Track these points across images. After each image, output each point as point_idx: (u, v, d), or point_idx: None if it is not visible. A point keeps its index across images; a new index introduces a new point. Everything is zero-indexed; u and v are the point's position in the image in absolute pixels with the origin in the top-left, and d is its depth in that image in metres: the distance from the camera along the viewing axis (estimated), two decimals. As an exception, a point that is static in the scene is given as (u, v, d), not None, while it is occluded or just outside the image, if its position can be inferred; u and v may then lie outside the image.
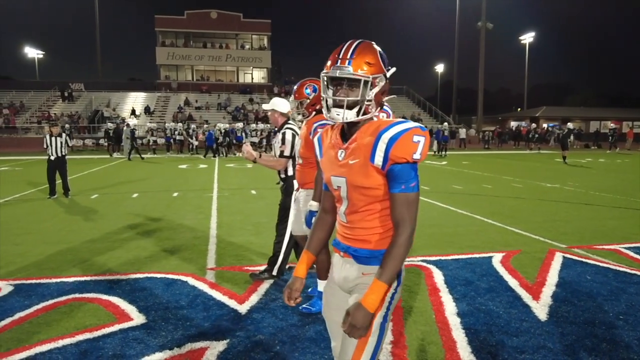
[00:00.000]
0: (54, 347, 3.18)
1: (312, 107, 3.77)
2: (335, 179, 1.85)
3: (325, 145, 1.97)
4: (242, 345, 3.21)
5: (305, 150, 3.74)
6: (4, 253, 5.63)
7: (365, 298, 1.68)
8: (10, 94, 41.19)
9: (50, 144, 10.11)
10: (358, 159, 1.75)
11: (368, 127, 1.78)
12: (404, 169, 1.70)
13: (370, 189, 1.75)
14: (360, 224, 1.81)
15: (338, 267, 1.92)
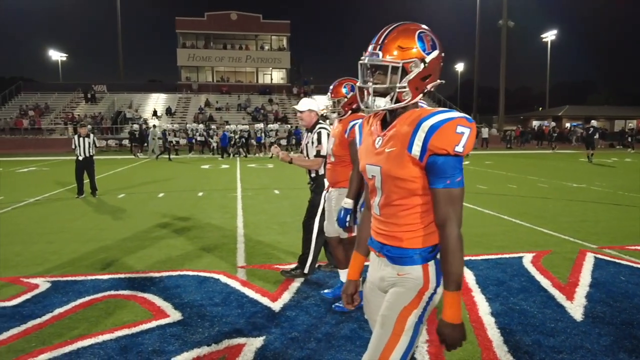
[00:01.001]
0: (94, 342, 3.26)
1: (348, 106, 3.79)
2: (370, 167, 1.76)
3: (365, 133, 1.89)
4: (278, 341, 3.25)
5: (339, 148, 3.75)
6: (39, 251, 5.77)
7: (445, 313, 1.60)
8: (35, 96, 42.09)
9: (78, 145, 10.31)
10: (395, 148, 1.65)
11: (409, 115, 1.67)
12: (447, 163, 1.57)
13: (405, 181, 1.64)
14: (393, 218, 1.71)
15: (374, 267, 1.85)
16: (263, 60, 50.05)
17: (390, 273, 1.76)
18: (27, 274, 4.86)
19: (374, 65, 1.71)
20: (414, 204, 1.67)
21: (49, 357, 3.06)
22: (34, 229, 7.11)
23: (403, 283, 1.71)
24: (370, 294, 1.90)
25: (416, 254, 1.69)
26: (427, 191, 1.65)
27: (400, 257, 1.71)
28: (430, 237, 1.70)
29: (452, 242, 1.59)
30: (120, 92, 43.44)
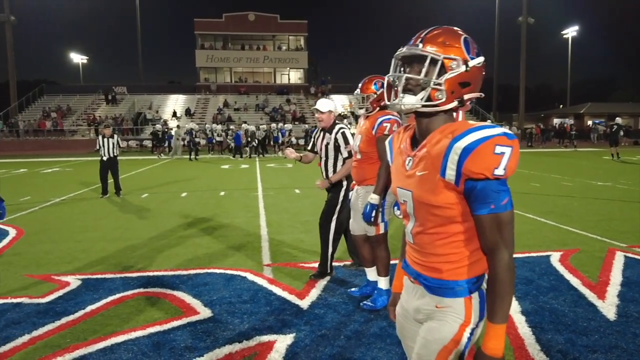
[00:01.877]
0: (127, 338, 3.31)
1: (377, 102, 3.79)
2: (401, 191, 1.58)
3: (395, 150, 1.69)
4: (308, 338, 3.26)
5: (366, 145, 3.75)
6: (68, 249, 5.88)
7: (487, 345, 1.41)
8: (57, 98, 42.85)
9: (102, 145, 10.48)
10: (426, 171, 1.46)
11: (442, 130, 1.47)
12: (488, 187, 1.38)
13: (439, 208, 1.45)
14: (429, 248, 1.52)
15: (408, 293, 1.67)
16: (280, 61, 50.19)
17: (427, 304, 1.56)
18: (57, 271, 4.96)
19: (410, 58, 1.52)
20: (453, 232, 1.47)
21: (84, 352, 3.12)
22: (62, 228, 7.24)
23: (442, 317, 1.52)
24: (404, 320, 1.71)
25: (458, 286, 1.49)
26: (468, 217, 1.45)
27: (439, 288, 1.52)
28: (475, 266, 1.50)
29: (501, 271, 1.40)
30: (140, 94, 43.96)
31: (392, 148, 1.72)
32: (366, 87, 3.81)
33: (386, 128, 3.64)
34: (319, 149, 4.57)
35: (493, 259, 1.42)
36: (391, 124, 3.65)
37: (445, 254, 1.49)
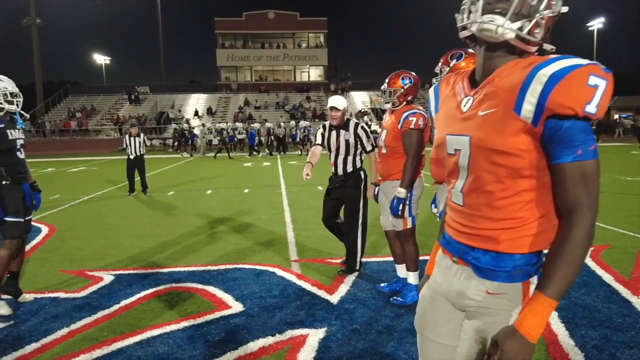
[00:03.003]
0: (162, 332, 3.38)
1: (403, 97, 3.78)
2: (453, 138, 1.32)
3: (443, 96, 1.45)
4: (340, 333, 3.29)
5: (392, 139, 3.76)
6: (99, 246, 6.01)
7: (523, 322, 1.16)
8: (81, 99, 43.71)
9: (129, 144, 10.67)
10: (494, 108, 1.21)
11: (515, 63, 1.22)
12: (576, 127, 1.12)
13: (506, 155, 1.18)
14: (485, 210, 1.25)
15: (448, 275, 1.41)
16: (300, 58, 50.29)
17: (475, 289, 1.31)
18: (90, 267, 5.08)
19: None
20: (518, 189, 1.21)
21: (121, 345, 3.19)
22: (92, 225, 7.40)
23: (496, 310, 1.27)
24: (430, 305, 1.49)
25: (516, 267, 1.24)
26: (540, 171, 1.20)
27: (493, 270, 1.26)
28: (538, 238, 1.24)
29: (580, 236, 1.14)
30: (163, 93, 44.55)
31: (439, 94, 1.48)
32: (393, 81, 3.81)
33: (412, 122, 3.64)
34: (334, 146, 4.58)
35: (572, 220, 1.15)
36: (417, 117, 3.65)
37: (505, 218, 1.23)
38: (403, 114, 3.68)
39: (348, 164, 4.55)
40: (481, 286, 1.30)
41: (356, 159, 4.56)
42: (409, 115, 3.66)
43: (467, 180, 1.30)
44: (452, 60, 3.17)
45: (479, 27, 1.19)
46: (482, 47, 1.28)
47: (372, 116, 38.23)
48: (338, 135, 4.56)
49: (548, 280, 1.16)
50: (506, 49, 1.24)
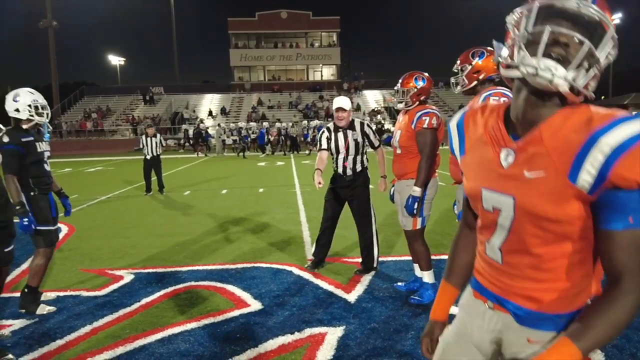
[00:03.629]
0: (183, 329, 3.44)
1: (416, 96, 3.80)
2: (493, 195, 1.20)
3: (471, 136, 1.31)
4: (358, 331, 3.31)
5: (406, 139, 3.78)
6: (118, 245, 6.11)
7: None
8: (97, 99, 44.21)
9: (145, 144, 10.79)
10: (543, 172, 1.09)
11: (564, 118, 1.09)
12: (631, 197, 1.03)
13: (557, 222, 1.09)
14: (528, 272, 1.17)
15: (481, 321, 1.31)
16: (313, 57, 50.34)
17: (515, 337, 1.23)
18: (110, 266, 5.16)
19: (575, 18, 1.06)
20: (565, 252, 1.13)
21: (143, 343, 3.25)
22: (110, 224, 7.51)
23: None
24: (455, 345, 1.40)
25: (560, 318, 1.17)
26: (588, 233, 1.11)
27: (537, 319, 1.19)
28: (582, 294, 1.17)
29: (628, 301, 1.06)
30: (177, 94, 44.88)
31: (464, 133, 1.33)
32: (407, 81, 3.83)
33: (425, 122, 3.66)
34: (344, 148, 4.59)
35: (620, 285, 1.07)
36: (430, 117, 3.67)
37: (550, 279, 1.15)
38: (416, 114, 3.71)
39: (357, 164, 4.61)
40: (522, 333, 1.21)
41: (364, 157, 4.65)
42: (422, 115, 3.68)
43: (508, 239, 1.20)
44: (474, 59, 3.13)
45: (534, 72, 1.04)
46: (525, 90, 1.13)
47: (386, 115, 38.14)
48: (346, 136, 4.59)
49: (585, 333, 1.07)
50: (555, 98, 1.11)
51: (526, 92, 1.12)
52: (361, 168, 4.63)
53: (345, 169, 4.61)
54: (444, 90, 44.14)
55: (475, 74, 3.13)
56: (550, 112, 1.11)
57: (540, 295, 1.16)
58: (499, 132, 1.21)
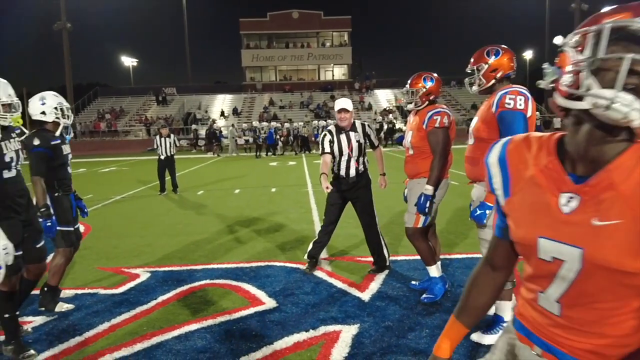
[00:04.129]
0: (200, 326, 3.49)
1: (426, 96, 3.82)
2: (552, 244, 1.06)
3: (518, 175, 1.15)
4: (373, 329, 3.34)
5: (418, 140, 3.79)
6: (133, 244, 6.19)
7: None
8: (110, 100, 44.67)
9: (160, 144, 10.91)
10: (618, 220, 0.96)
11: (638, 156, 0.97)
12: None
13: (633, 275, 0.96)
14: (592, 327, 1.05)
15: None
16: (324, 57, 50.40)
17: None
18: (126, 264, 5.24)
19: None
20: (636, 306, 1.01)
21: (160, 339, 3.30)
22: (125, 224, 7.61)
23: None
24: None
25: None
26: None
27: None
28: None
29: None
30: (189, 94, 45.18)
31: (509, 172, 1.17)
32: (415, 82, 3.85)
33: (437, 121, 3.68)
34: (347, 149, 4.60)
35: None
36: (441, 116, 3.68)
37: (618, 335, 1.03)
38: (427, 113, 3.73)
39: (360, 165, 4.65)
40: None
41: (365, 158, 4.69)
42: (433, 115, 3.70)
43: (569, 292, 1.06)
44: (490, 57, 3.10)
45: (607, 105, 0.91)
46: (589, 123, 0.99)
47: (397, 114, 38.06)
48: (349, 137, 4.61)
49: None
50: (623, 133, 0.97)
51: (590, 126, 0.98)
52: (363, 169, 4.66)
53: (349, 170, 4.63)
54: (456, 89, 43.94)
55: (492, 73, 3.11)
56: (617, 149, 0.98)
57: (607, 350, 1.04)
58: (556, 173, 1.06)
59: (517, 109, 2.89)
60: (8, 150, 3.11)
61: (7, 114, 3.07)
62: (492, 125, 3.01)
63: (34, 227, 3.34)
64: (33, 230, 3.32)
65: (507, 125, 2.90)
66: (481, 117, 3.09)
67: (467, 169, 3.25)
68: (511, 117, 2.89)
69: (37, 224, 3.40)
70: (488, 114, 3.02)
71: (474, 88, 3.22)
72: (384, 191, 4.77)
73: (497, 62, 3.09)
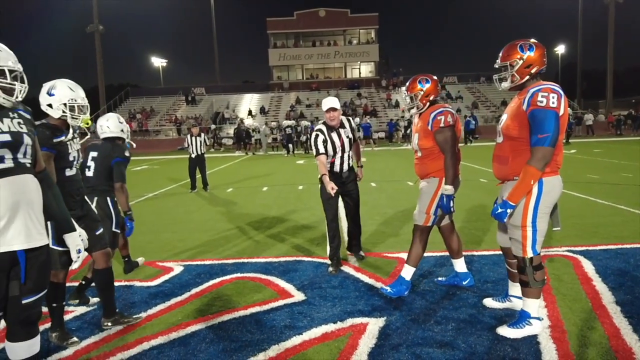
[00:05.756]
0: (232, 317, 3.62)
1: (425, 98, 3.83)
2: None
3: None
4: (399, 322, 3.41)
5: (425, 141, 3.79)
6: (167, 239, 6.40)
7: None
8: (141, 100, 45.64)
9: (191, 143, 11.18)
10: None
11: None
12: None
13: None
14: None
15: None
16: (351, 55, 50.36)
17: None
18: (160, 258, 5.44)
19: None
20: None
21: (195, 329, 3.45)
22: (158, 220, 7.85)
23: None
24: None
25: None
26: None
27: None
28: None
29: None
30: (218, 94, 45.81)
31: None
32: (412, 86, 3.86)
33: (441, 121, 3.68)
34: (339, 146, 4.77)
35: None
36: (445, 115, 3.69)
37: None
38: (430, 114, 3.74)
39: (350, 160, 4.89)
40: None
41: (352, 153, 4.92)
42: (436, 115, 3.70)
43: None
44: (525, 52, 3.01)
45: None
46: None
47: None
48: (339, 135, 4.78)
49: None
50: None
51: None
52: (351, 163, 4.90)
53: (342, 166, 4.83)
54: (485, 85, 43.33)
55: (526, 69, 3.02)
56: None
57: None
58: None
59: (550, 107, 2.86)
60: (72, 149, 3.29)
61: (80, 114, 3.25)
62: (523, 124, 2.97)
63: (89, 217, 3.47)
64: (88, 220, 3.45)
65: (538, 123, 2.87)
66: (511, 114, 3.06)
67: (496, 167, 3.24)
68: (543, 115, 2.86)
69: (92, 213, 3.55)
70: (519, 111, 2.98)
71: (505, 85, 3.15)
72: (408, 189, 4.81)
73: (532, 57, 3.02)
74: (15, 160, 2.25)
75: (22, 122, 2.35)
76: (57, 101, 3.17)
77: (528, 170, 2.93)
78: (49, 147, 3.08)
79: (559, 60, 60.49)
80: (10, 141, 2.23)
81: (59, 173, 3.17)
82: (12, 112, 2.33)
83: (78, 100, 3.22)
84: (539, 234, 3.08)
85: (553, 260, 4.69)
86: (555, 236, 5.57)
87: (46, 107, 3.19)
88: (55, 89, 3.18)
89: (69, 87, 3.23)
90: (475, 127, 29.73)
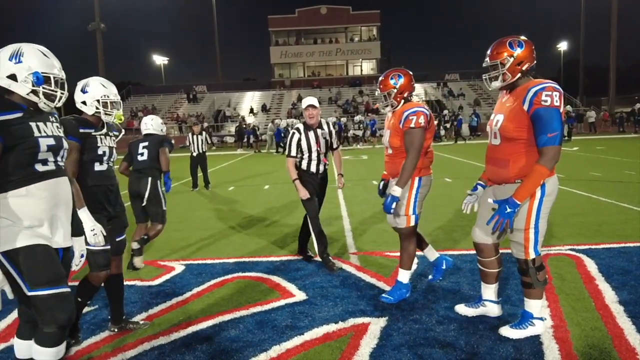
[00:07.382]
0: (233, 317, 3.61)
1: (399, 95, 3.73)
2: None
3: None
4: (401, 322, 3.40)
5: (396, 140, 3.70)
6: (169, 238, 6.39)
7: None
8: (142, 98, 45.63)
9: (192, 142, 11.17)
10: None
11: None
12: None
13: None
14: None
15: None
16: (353, 52, 50.30)
17: None
18: (162, 257, 5.43)
19: None
20: None
21: (195, 329, 3.44)
22: (160, 218, 7.83)
23: None
24: None
25: None
26: None
27: None
28: None
29: None
30: (219, 92, 45.80)
31: None
32: (384, 84, 3.76)
33: (412, 121, 3.58)
34: (315, 146, 4.81)
35: None
36: (417, 116, 3.59)
37: None
38: (403, 113, 3.63)
39: (327, 161, 4.94)
40: None
41: (327, 154, 4.96)
42: (409, 115, 3.60)
43: None
44: (515, 50, 2.95)
45: None
46: None
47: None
48: (316, 135, 4.83)
49: None
50: None
51: None
52: (325, 165, 4.96)
53: (319, 166, 4.87)
54: (487, 83, 43.16)
55: (518, 66, 2.96)
56: None
57: None
58: None
59: (554, 106, 2.82)
60: (102, 144, 3.26)
61: (113, 110, 3.25)
62: (522, 124, 2.91)
63: (119, 220, 3.43)
64: (117, 223, 3.41)
65: (545, 123, 2.82)
66: (509, 115, 2.97)
67: (493, 170, 3.14)
68: (550, 114, 2.81)
69: (123, 218, 3.49)
70: (519, 111, 2.91)
71: (496, 84, 3.07)
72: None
73: (523, 54, 2.96)
74: (56, 163, 2.40)
75: (59, 126, 2.50)
76: (90, 98, 3.21)
77: (539, 170, 2.86)
78: (74, 135, 3.09)
79: (561, 56, 60.29)
80: (54, 145, 2.37)
81: (87, 166, 3.18)
82: (51, 116, 2.46)
83: (110, 96, 3.25)
84: (540, 235, 3.06)
85: (556, 260, 4.67)
86: (558, 235, 5.55)
87: (80, 105, 3.25)
88: (88, 87, 3.24)
89: (102, 84, 3.27)
90: (477, 125, 29.68)
